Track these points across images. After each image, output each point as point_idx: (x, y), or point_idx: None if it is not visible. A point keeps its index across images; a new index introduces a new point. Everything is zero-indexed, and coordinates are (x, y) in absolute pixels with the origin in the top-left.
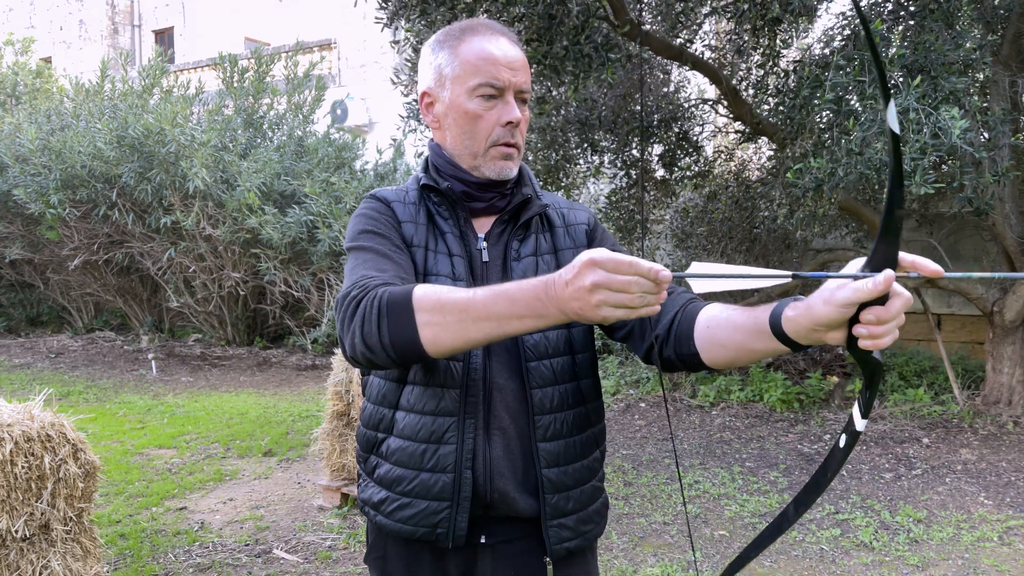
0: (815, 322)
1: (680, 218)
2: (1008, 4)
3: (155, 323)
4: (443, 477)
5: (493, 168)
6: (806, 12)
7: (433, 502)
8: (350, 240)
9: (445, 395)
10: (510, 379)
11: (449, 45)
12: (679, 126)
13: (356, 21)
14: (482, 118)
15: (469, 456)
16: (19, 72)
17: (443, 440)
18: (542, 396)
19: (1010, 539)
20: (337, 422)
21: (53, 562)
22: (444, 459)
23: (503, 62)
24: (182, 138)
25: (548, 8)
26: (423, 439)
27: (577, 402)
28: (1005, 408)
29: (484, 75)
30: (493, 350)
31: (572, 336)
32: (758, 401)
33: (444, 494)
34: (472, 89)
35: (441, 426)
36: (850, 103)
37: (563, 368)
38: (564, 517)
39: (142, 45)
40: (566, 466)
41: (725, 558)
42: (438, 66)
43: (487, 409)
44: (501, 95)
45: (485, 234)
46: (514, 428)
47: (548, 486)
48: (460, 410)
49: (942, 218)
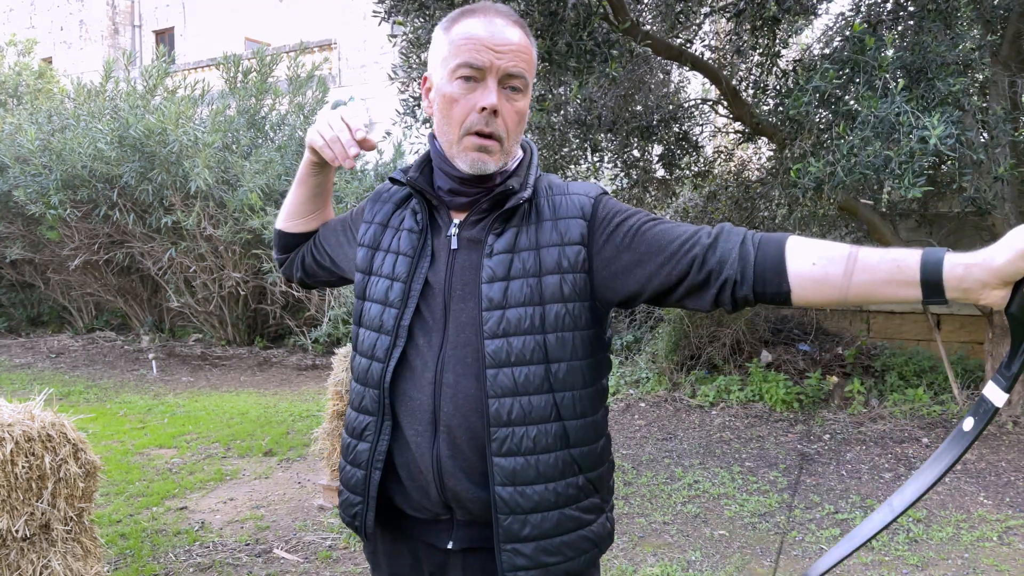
0: (994, 274)
1: (680, 218)
2: (1007, 4)
3: (155, 323)
4: (358, 472)
5: (465, 160)
6: (803, 11)
7: (352, 495)
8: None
9: (366, 394)
10: (465, 378)
11: (445, 27)
12: (679, 126)
13: (356, 21)
14: (457, 102)
15: (381, 457)
16: (22, 72)
17: (361, 437)
18: (499, 406)
19: (1009, 539)
20: (337, 422)
21: (53, 562)
22: (360, 455)
23: (488, 42)
24: (185, 138)
25: (548, 5)
26: (350, 433)
27: (547, 417)
28: (1005, 408)
29: (464, 55)
30: (452, 349)
31: (547, 343)
32: (758, 401)
33: (358, 488)
34: (452, 71)
35: (361, 423)
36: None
37: (530, 379)
38: (518, 543)
39: (142, 45)
40: (524, 487)
41: (725, 558)
42: (434, 48)
43: (435, 405)
44: (482, 78)
45: (460, 220)
46: (465, 431)
47: (500, 505)
48: (379, 410)
49: (942, 218)
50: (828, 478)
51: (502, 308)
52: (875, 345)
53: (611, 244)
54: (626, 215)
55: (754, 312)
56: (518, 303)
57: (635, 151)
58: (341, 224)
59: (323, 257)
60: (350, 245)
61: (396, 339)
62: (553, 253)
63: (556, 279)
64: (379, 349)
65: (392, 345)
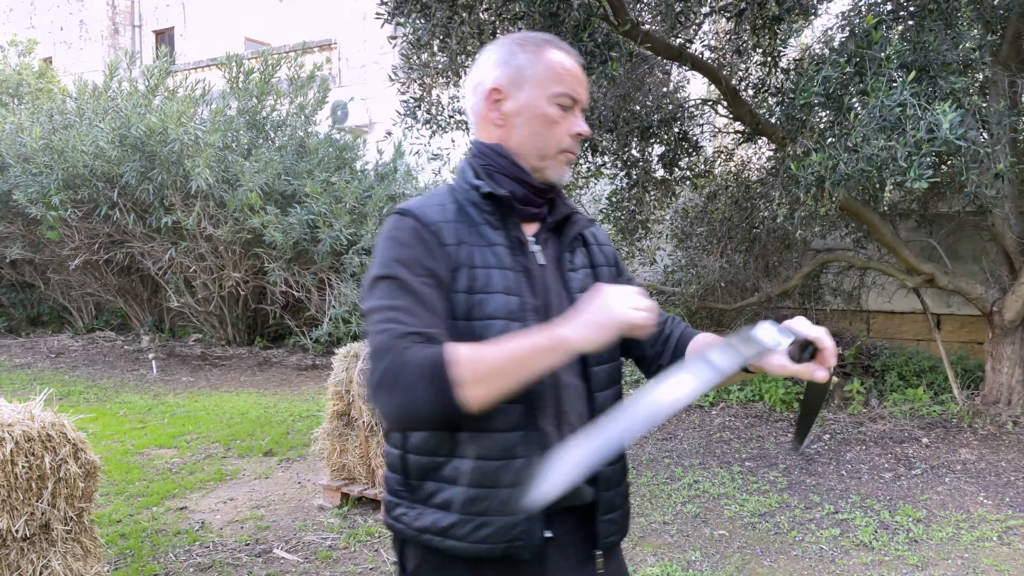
0: (769, 372)
1: (680, 218)
2: (1008, 4)
3: (155, 323)
4: (510, 493)
5: (556, 172)
6: (804, 12)
7: (510, 517)
8: (381, 268)
9: (506, 410)
10: (575, 377)
11: (530, 50)
12: (679, 126)
13: (356, 21)
14: (558, 124)
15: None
16: (23, 72)
17: (513, 455)
18: (603, 398)
19: (1009, 539)
20: (337, 422)
21: (53, 562)
22: (518, 474)
23: (580, 79)
24: (186, 138)
25: (549, 6)
26: (496, 456)
27: (616, 403)
28: (1004, 408)
29: (566, 85)
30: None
31: (617, 343)
32: (758, 401)
33: (518, 508)
34: (553, 96)
35: (509, 441)
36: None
37: (613, 371)
38: (612, 512)
39: (142, 45)
40: (615, 464)
41: (725, 558)
42: (518, 66)
43: (557, 407)
44: (573, 107)
45: (534, 237)
46: (581, 426)
47: (603, 482)
48: (524, 423)
49: (942, 218)
50: (828, 478)
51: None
52: (875, 345)
53: (621, 273)
54: (621, 263)
55: (754, 312)
56: None
57: (635, 151)
58: (425, 277)
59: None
60: (440, 285)
61: None
62: (605, 272)
63: (606, 271)
64: None
65: None
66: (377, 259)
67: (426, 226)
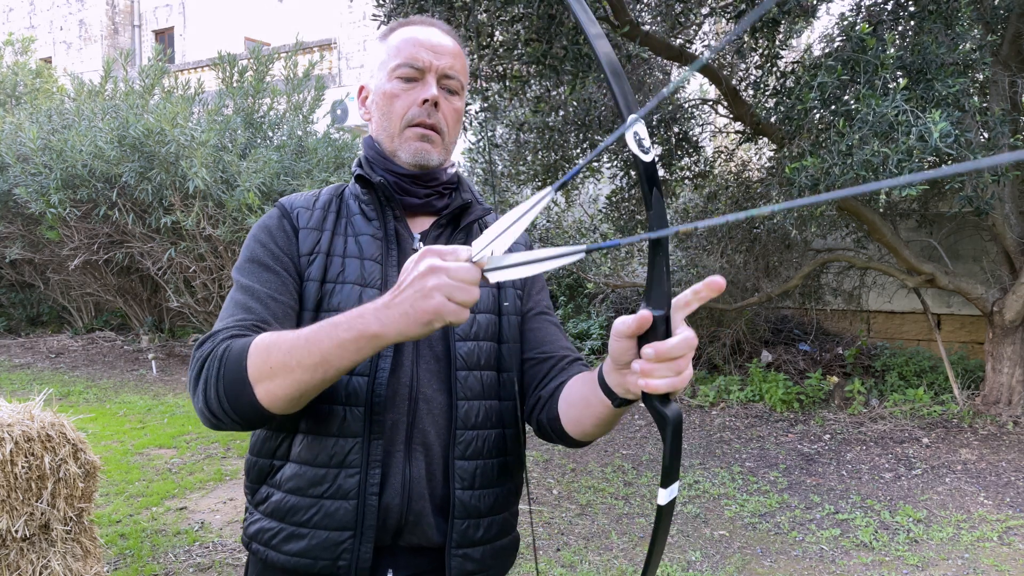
0: (613, 360)
1: (680, 218)
2: (1008, 4)
3: (155, 323)
4: (344, 504)
5: (408, 150)
6: (804, 13)
7: (334, 532)
8: (236, 266)
9: (347, 414)
10: (439, 391)
11: (382, 36)
12: (679, 126)
13: (356, 21)
14: (398, 97)
15: (376, 481)
16: (19, 72)
17: (345, 464)
18: (468, 409)
19: (1010, 539)
20: None
21: (53, 562)
22: (346, 484)
23: (425, 44)
24: (182, 138)
25: (547, 8)
26: (322, 463)
27: (498, 423)
28: (1005, 408)
29: (404, 56)
30: (422, 357)
31: (502, 352)
32: (758, 401)
33: (346, 523)
34: (392, 70)
35: (343, 448)
36: (847, 104)
37: (491, 383)
38: (471, 547)
39: (142, 45)
40: (481, 490)
41: (725, 558)
42: (374, 57)
43: (410, 423)
44: (422, 77)
45: (422, 233)
46: (438, 444)
47: (459, 509)
48: (365, 430)
49: (942, 218)
50: (828, 478)
51: (473, 312)
52: (875, 345)
53: (528, 299)
54: (544, 288)
55: (754, 312)
56: (487, 310)
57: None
58: (274, 268)
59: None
60: (289, 273)
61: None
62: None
63: (512, 292)
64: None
65: (378, 356)
66: (239, 256)
67: (287, 213)
